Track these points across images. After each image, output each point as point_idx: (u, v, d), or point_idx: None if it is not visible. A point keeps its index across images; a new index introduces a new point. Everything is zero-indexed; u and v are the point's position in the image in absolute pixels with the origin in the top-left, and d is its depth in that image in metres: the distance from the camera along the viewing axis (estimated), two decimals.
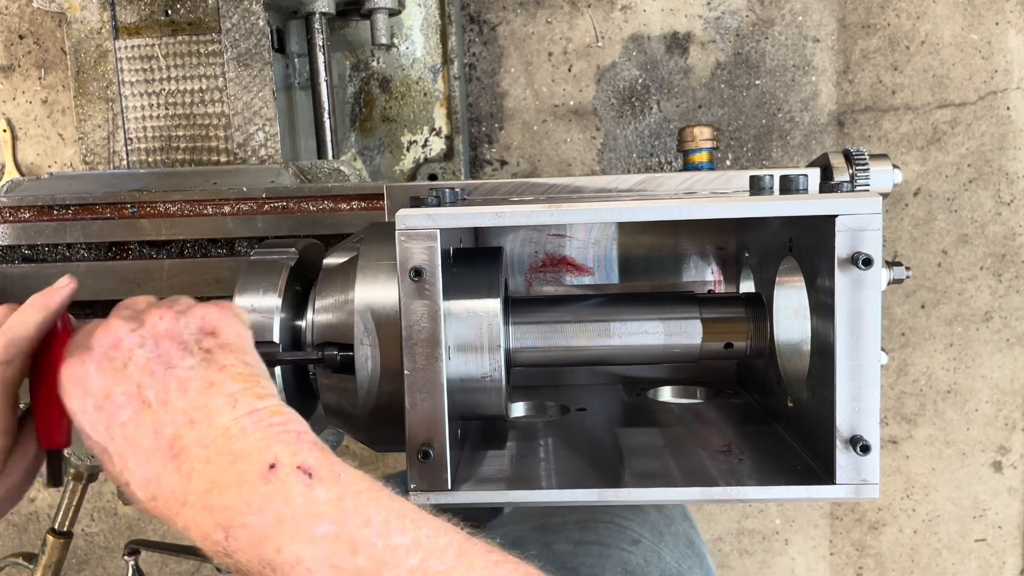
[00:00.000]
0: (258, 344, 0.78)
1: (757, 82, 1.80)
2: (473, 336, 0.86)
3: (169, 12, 1.38)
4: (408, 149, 1.69)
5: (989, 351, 1.87)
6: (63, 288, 0.76)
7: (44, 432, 0.75)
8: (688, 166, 1.17)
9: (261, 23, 1.36)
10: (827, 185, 0.87)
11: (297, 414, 0.67)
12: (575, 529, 1.08)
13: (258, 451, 0.61)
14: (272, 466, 0.60)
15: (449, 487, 0.82)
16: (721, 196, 1.01)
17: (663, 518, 1.13)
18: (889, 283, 1.02)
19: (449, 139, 1.68)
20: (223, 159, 1.39)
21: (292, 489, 0.59)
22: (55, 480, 0.75)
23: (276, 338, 0.87)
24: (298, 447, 0.62)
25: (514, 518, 1.18)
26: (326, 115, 1.51)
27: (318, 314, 0.89)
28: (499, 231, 1.20)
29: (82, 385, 0.66)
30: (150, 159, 1.40)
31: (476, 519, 1.35)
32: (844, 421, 0.79)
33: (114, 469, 0.65)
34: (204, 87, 1.38)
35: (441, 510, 0.67)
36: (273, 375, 0.86)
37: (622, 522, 1.08)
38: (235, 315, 0.72)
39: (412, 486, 0.82)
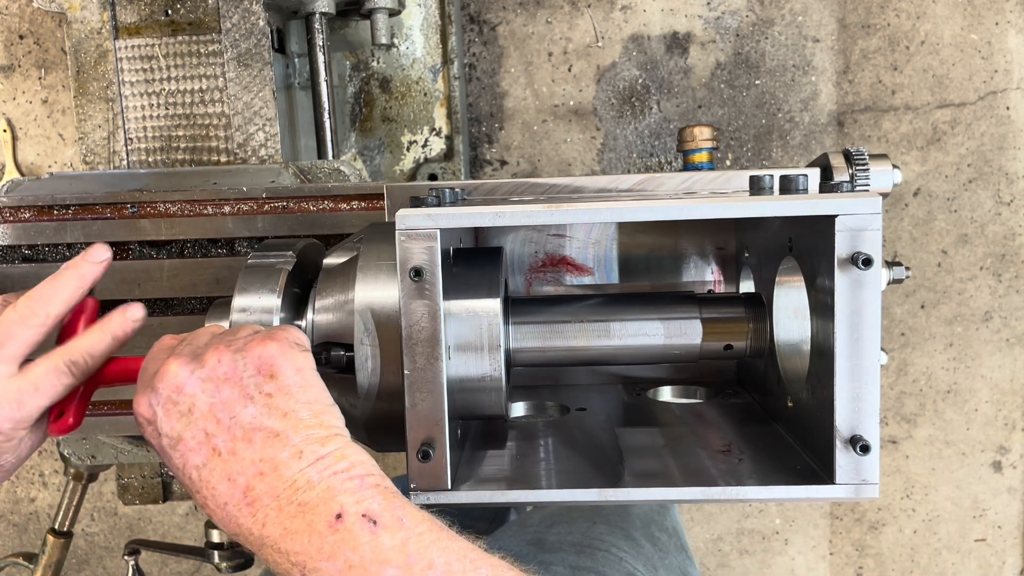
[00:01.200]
0: None
1: (757, 82, 1.80)
2: (473, 336, 0.86)
3: (169, 12, 1.38)
4: (408, 149, 1.69)
5: (989, 351, 1.87)
6: (98, 262, 0.80)
7: (55, 412, 0.77)
8: (688, 166, 1.17)
9: (261, 23, 1.36)
10: (827, 185, 0.87)
11: (361, 451, 0.69)
12: (572, 552, 1.08)
13: (324, 502, 0.65)
14: (339, 516, 0.64)
15: (449, 487, 0.82)
16: (721, 196, 1.01)
17: (657, 551, 1.14)
18: (889, 283, 1.02)
19: (449, 139, 1.68)
20: (223, 159, 1.39)
21: (359, 537, 0.63)
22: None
23: None
24: (362, 494, 0.65)
25: (509, 532, 1.18)
26: (326, 115, 1.51)
27: (318, 314, 0.89)
28: (499, 231, 1.20)
29: (154, 426, 0.70)
30: (150, 159, 1.40)
31: (477, 529, 1.35)
32: (844, 421, 0.79)
33: (197, 500, 0.69)
34: (204, 87, 1.38)
35: (441, 511, 0.68)
36: None
37: (618, 552, 1.09)
38: (291, 345, 0.72)
39: (412, 486, 0.82)
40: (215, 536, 1.56)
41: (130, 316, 0.80)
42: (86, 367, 0.77)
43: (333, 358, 0.85)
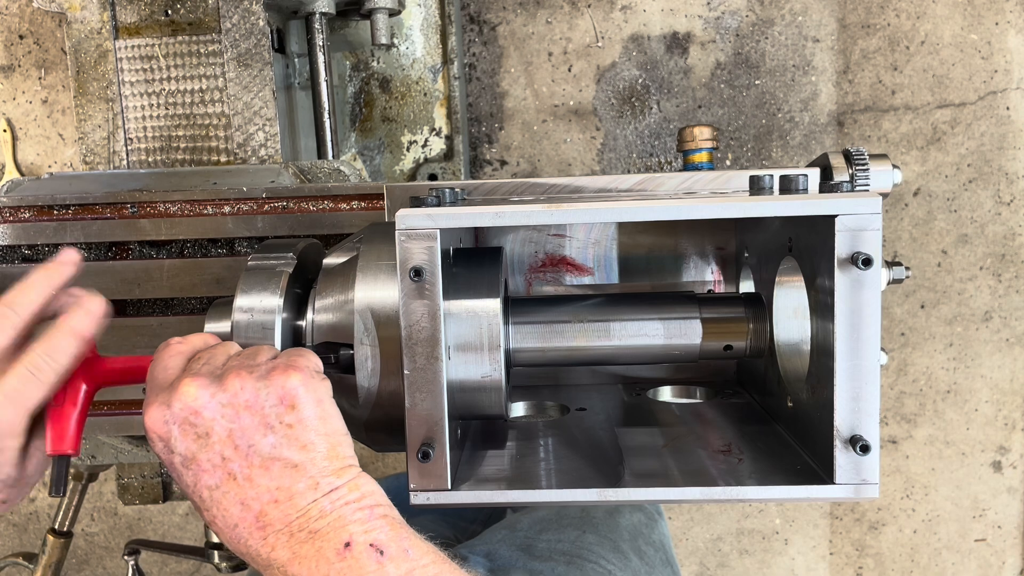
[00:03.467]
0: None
1: (757, 82, 1.80)
2: (473, 336, 0.86)
3: (169, 12, 1.38)
4: (408, 149, 1.69)
5: (989, 351, 1.87)
6: (68, 264, 0.78)
7: (54, 438, 0.76)
8: (688, 166, 1.17)
9: (261, 23, 1.36)
10: (827, 185, 0.87)
11: (371, 482, 0.71)
12: (562, 562, 1.09)
13: (335, 530, 0.67)
14: (347, 544, 0.66)
15: (449, 487, 0.82)
16: (721, 196, 1.01)
17: (644, 565, 1.16)
18: (889, 283, 1.02)
19: (449, 139, 1.68)
20: (223, 159, 1.39)
21: (365, 566, 0.65)
22: (57, 488, 0.76)
23: (278, 339, 0.87)
24: (371, 524, 0.68)
25: (499, 535, 1.18)
26: (326, 115, 1.51)
27: (318, 314, 0.89)
28: (499, 231, 1.20)
29: (167, 443, 0.70)
30: (150, 159, 1.40)
31: (470, 532, 1.35)
32: (844, 421, 0.79)
33: (205, 517, 0.70)
34: (204, 87, 1.38)
35: (441, 511, 0.68)
36: None
37: (607, 565, 1.11)
38: (312, 374, 0.72)
39: (412, 486, 0.82)
40: (215, 536, 1.56)
41: (62, 259, 0.76)
42: (52, 371, 0.73)
43: (342, 358, 0.85)
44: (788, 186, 0.83)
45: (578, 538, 1.14)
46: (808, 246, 0.87)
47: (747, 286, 1.14)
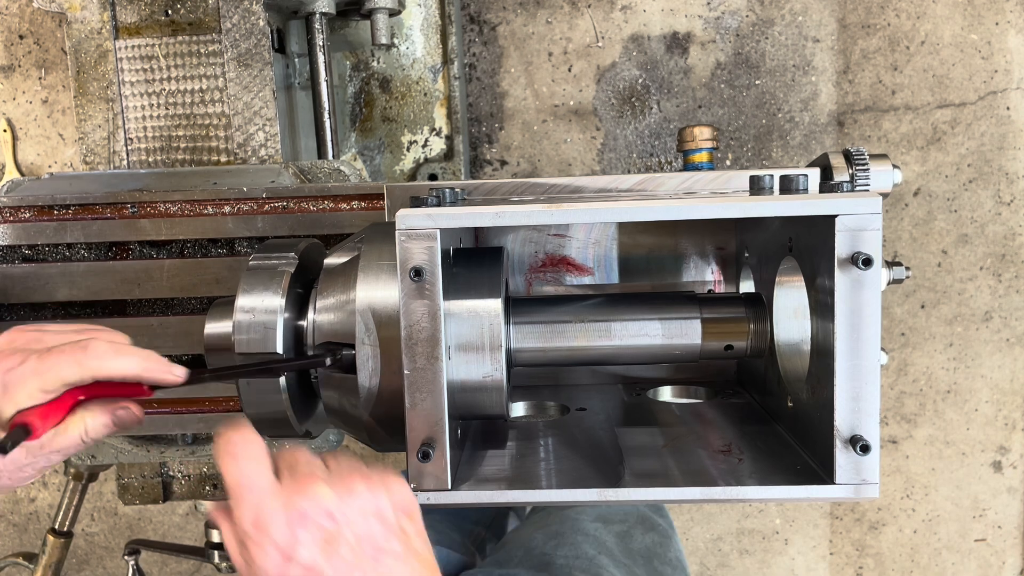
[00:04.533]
0: (262, 356, 0.79)
1: (757, 82, 1.80)
2: (474, 336, 0.86)
3: (169, 12, 1.38)
4: (408, 149, 1.69)
5: (989, 351, 1.87)
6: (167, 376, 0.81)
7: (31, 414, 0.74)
8: (688, 166, 1.17)
9: (261, 23, 1.36)
10: (827, 185, 0.87)
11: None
12: None
13: None
14: None
15: (449, 487, 0.82)
16: (721, 196, 1.01)
17: None
18: (889, 283, 1.02)
19: (449, 139, 1.68)
20: (223, 159, 1.39)
21: None
22: (2, 447, 0.73)
23: (279, 339, 0.87)
24: None
25: (517, 554, 1.18)
26: (326, 115, 1.51)
27: (319, 314, 0.89)
28: (499, 231, 1.20)
29: (285, 550, 0.64)
30: (150, 159, 1.40)
31: (475, 534, 1.35)
32: (844, 421, 0.79)
33: None
34: (204, 87, 1.38)
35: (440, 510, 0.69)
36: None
37: None
38: (409, 485, 0.74)
39: (412, 486, 0.82)
40: (215, 536, 1.56)
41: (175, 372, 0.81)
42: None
43: (345, 358, 0.85)
44: (788, 186, 0.83)
45: (595, 558, 1.14)
46: (808, 246, 0.87)
47: (747, 286, 1.14)
